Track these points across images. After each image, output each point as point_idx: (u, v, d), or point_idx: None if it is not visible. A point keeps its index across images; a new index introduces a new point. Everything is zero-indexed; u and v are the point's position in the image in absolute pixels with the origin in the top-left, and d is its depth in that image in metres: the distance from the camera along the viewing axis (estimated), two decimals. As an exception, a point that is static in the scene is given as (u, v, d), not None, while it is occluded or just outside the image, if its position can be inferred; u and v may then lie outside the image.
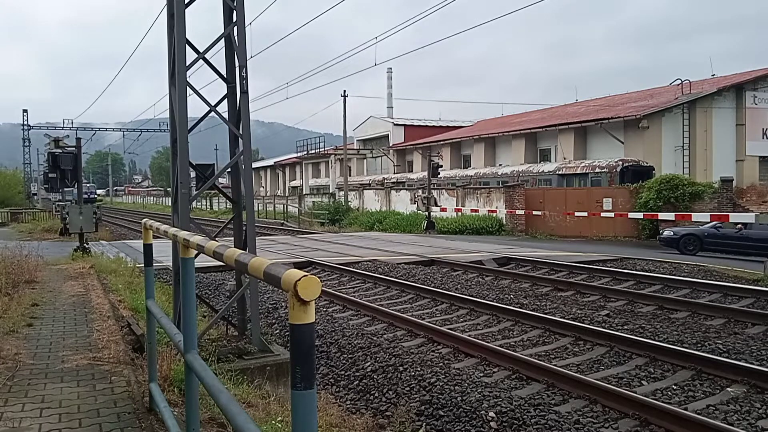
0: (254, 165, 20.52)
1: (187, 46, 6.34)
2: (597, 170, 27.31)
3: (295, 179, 65.72)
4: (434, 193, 28.55)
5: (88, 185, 66.61)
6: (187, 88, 6.38)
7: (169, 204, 7.12)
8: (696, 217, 19.50)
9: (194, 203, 10.21)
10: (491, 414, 5.40)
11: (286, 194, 58.97)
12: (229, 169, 7.34)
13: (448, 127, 54.57)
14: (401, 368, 6.72)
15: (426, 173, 29.04)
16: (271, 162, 74.82)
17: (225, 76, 6.92)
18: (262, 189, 71.50)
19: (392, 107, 63.95)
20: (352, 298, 10.65)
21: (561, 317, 8.82)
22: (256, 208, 15.00)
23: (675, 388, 6.05)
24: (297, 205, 40.77)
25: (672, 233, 18.80)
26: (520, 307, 9.55)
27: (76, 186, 16.14)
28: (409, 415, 5.68)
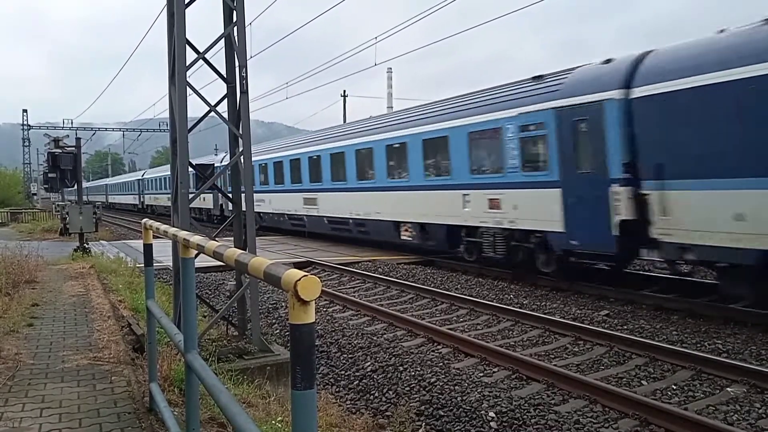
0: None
1: (187, 46, 6.35)
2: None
3: (295, 179, 65.54)
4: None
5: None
6: (187, 88, 6.38)
7: (169, 203, 7.14)
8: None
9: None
10: (491, 414, 5.41)
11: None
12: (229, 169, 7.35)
13: (448, 127, 54.42)
14: (401, 368, 6.73)
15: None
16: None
17: (225, 76, 6.92)
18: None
19: (392, 107, 63.73)
20: (352, 298, 10.66)
21: (561, 317, 8.82)
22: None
23: (675, 388, 6.05)
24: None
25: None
26: (520, 307, 9.55)
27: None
28: (409, 415, 5.68)
